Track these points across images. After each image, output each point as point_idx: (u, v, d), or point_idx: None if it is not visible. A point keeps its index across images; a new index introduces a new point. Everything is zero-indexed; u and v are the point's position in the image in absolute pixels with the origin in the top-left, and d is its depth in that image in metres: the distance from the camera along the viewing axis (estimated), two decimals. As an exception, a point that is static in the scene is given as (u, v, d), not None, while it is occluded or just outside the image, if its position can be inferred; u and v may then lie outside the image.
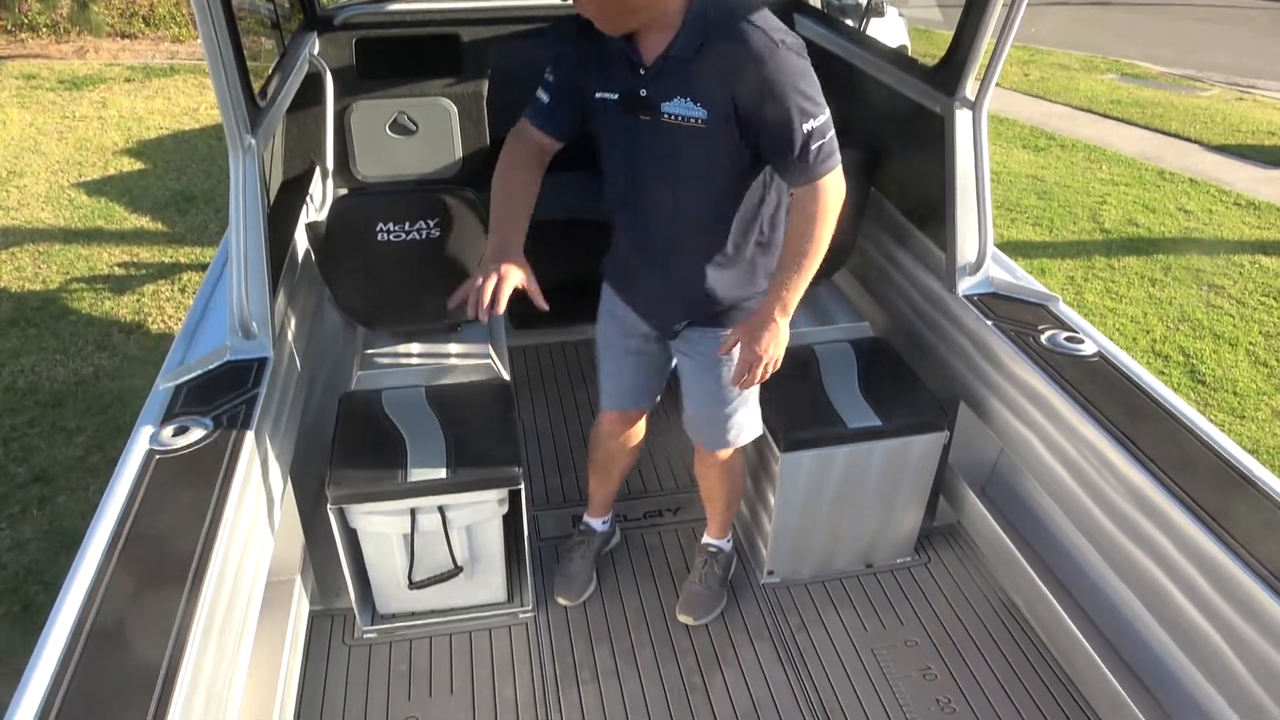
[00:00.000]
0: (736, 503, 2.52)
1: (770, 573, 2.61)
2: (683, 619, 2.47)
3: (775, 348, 1.93)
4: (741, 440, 2.29)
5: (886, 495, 2.54)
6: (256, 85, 2.21)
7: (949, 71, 2.40)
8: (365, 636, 2.43)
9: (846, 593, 2.59)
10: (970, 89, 2.39)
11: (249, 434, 1.88)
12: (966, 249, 2.50)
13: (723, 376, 2.16)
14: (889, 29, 6.57)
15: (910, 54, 2.95)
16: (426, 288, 2.56)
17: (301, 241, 2.67)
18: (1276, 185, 6.25)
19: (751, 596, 2.58)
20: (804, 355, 2.65)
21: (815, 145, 1.75)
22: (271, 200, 2.46)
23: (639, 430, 2.49)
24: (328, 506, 2.21)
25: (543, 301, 1.90)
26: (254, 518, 1.86)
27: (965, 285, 2.52)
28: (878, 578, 2.64)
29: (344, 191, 3.14)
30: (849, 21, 3.36)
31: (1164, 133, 7.30)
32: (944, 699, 2.28)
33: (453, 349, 2.65)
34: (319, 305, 2.76)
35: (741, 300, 2.06)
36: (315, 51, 3.01)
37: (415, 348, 2.65)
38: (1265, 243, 5.40)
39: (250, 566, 1.80)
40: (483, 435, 2.35)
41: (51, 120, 7.04)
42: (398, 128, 3.22)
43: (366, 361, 2.60)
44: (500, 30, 3.24)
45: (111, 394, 3.81)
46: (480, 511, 2.30)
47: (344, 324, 2.96)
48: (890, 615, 2.52)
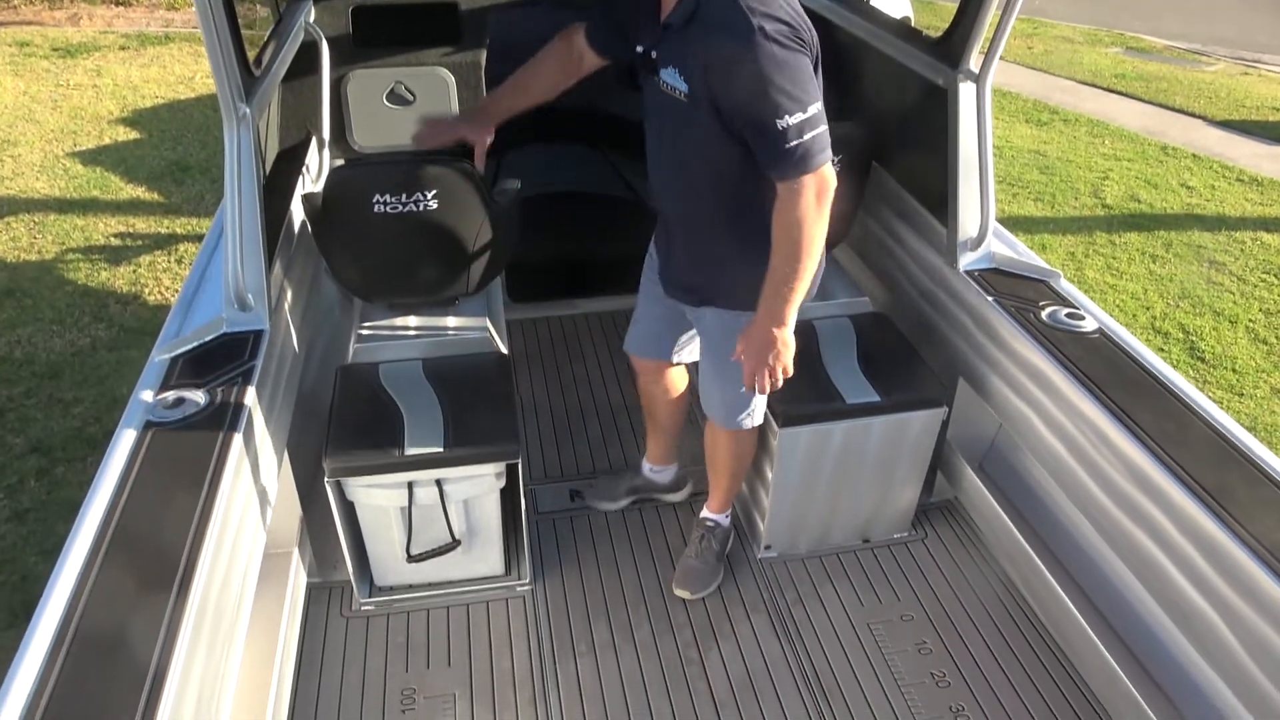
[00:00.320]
0: (738, 481, 2.52)
1: (767, 548, 2.62)
2: (679, 593, 2.47)
3: (775, 359, 1.90)
4: (744, 425, 2.31)
5: (884, 471, 2.54)
6: (251, 54, 2.19)
7: (953, 43, 2.38)
8: (363, 608, 2.44)
9: (843, 568, 2.60)
10: (974, 61, 2.36)
11: (245, 406, 1.87)
12: (968, 224, 2.48)
13: (717, 361, 2.17)
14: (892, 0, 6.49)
15: (913, 26, 2.92)
16: (424, 260, 2.54)
17: (298, 213, 2.65)
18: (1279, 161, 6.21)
19: (748, 571, 2.59)
20: (803, 330, 2.63)
21: (793, 143, 1.66)
22: (267, 171, 2.43)
23: (673, 384, 2.52)
24: (325, 480, 2.20)
25: (481, 163, 2.25)
26: (250, 490, 1.85)
27: (966, 260, 2.51)
28: (874, 553, 2.65)
29: (340, 162, 3.11)
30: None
31: (1168, 107, 7.24)
32: (939, 673, 2.29)
33: (450, 322, 2.64)
34: (315, 277, 2.75)
35: (725, 283, 2.02)
36: (311, 20, 2.97)
37: (413, 320, 2.64)
38: (1267, 219, 5.37)
39: (247, 538, 1.80)
40: (480, 409, 2.34)
41: (45, 88, 6.97)
42: (395, 98, 3.19)
43: (364, 334, 2.59)
44: None
45: (109, 365, 3.80)
46: (478, 485, 2.30)
47: (341, 296, 2.95)
48: (886, 590, 2.53)
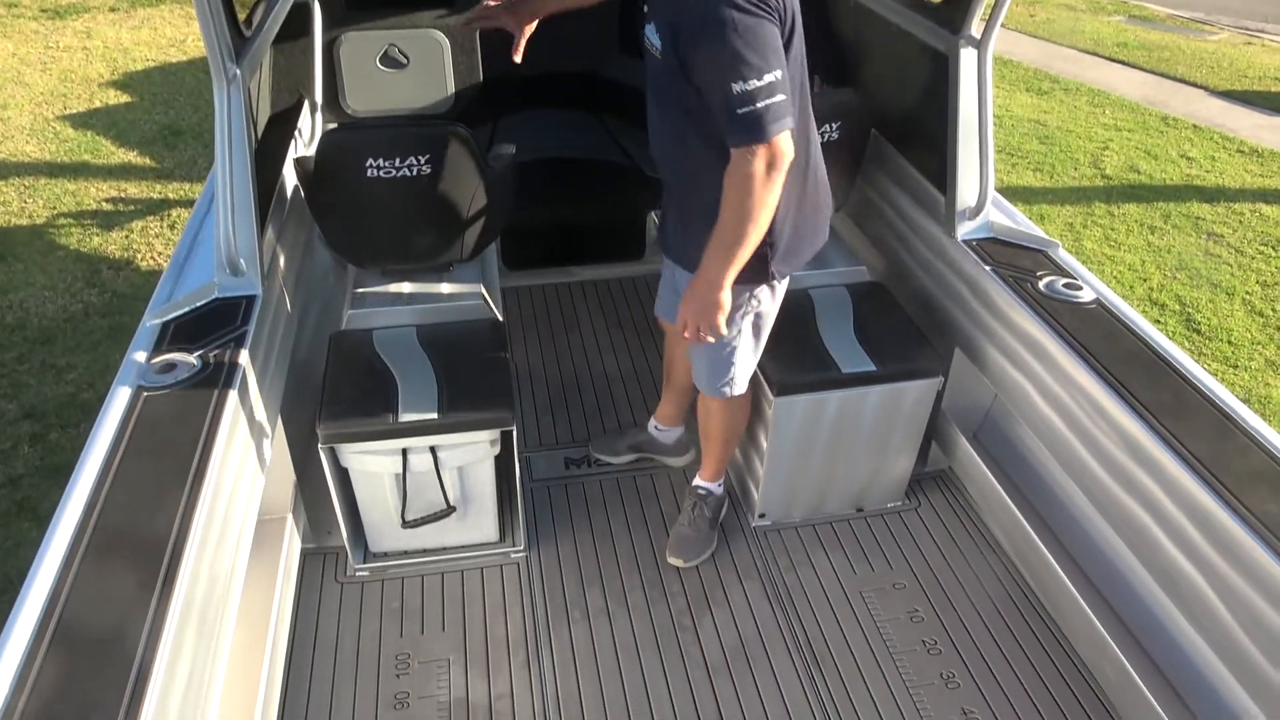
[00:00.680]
0: (729, 449, 2.52)
1: (761, 516, 2.62)
2: (672, 561, 2.48)
3: (696, 317, 1.88)
4: (725, 393, 2.28)
5: (879, 441, 2.54)
6: (242, 14, 2.15)
7: (955, 9, 2.34)
8: (357, 575, 2.44)
9: (836, 536, 2.61)
10: (976, 28, 2.33)
11: (238, 372, 1.86)
12: (967, 193, 2.46)
13: None
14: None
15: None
16: (417, 225, 2.52)
17: (290, 177, 2.62)
18: (1280, 132, 6.17)
19: (742, 539, 2.60)
20: (799, 299, 2.63)
21: (745, 109, 1.63)
22: (259, 134, 2.40)
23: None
24: (319, 446, 2.20)
25: (518, 54, 2.22)
26: (243, 456, 1.85)
27: (965, 230, 2.49)
28: (868, 522, 2.66)
29: (333, 126, 3.07)
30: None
31: (1170, 77, 7.17)
32: (930, 640, 2.31)
33: (445, 289, 2.62)
34: (309, 243, 2.72)
35: (697, 245, 1.95)
36: None
37: (407, 287, 2.62)
38: (1266, 191, 5.35)
39: (240, 504, 1.80)
40: (475, 376, 2.34)
41: (34, 50, 6.87)
42: (388, 61, 3.14)
43: (357, 300, 2.57)
44: None
45: (101, 331, 3.78)
46: (472, 452, 2.29)
47: (334, 262, 2.92)
48: (879, 558, 2.54)
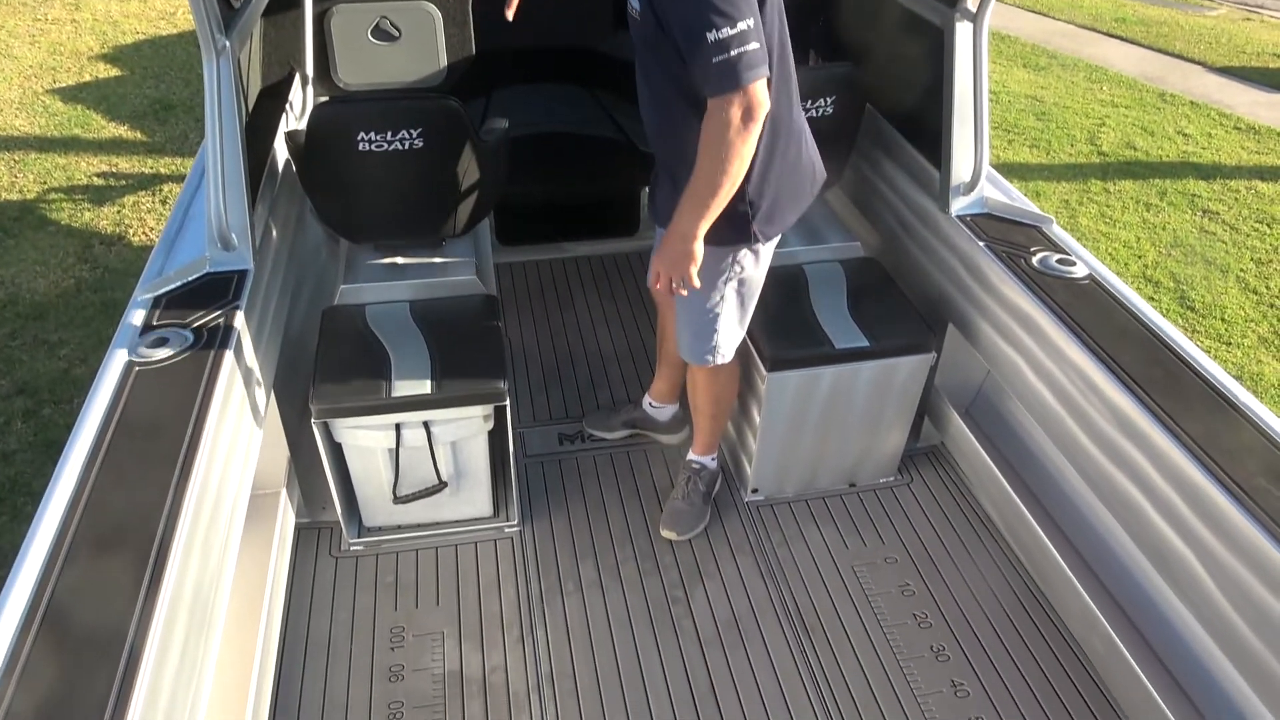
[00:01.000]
0: (718, 422, 2.52)
1: (754, 491, 2.64)
2: (665, 534, 2.50)
3: (669, 268, 1.90)
4: (709, 362, 2.27)
5: (872, 416, 2.55)
6: (230, -16, 2.13)
7: (951, -19, 2.32)
8: (351, 549, 2.45)
9: (829, 511, 2.62)
10: (972, 2, 2.31)
11: (230, 346, 1.85)
12: (961, 168, 2.46)
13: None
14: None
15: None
16: (409, 200, 2.51)
17: (281, 151, 2.60)
18: (1278, 109, 6.15)
19: (735, 514, 2.61)
20: (792, 274, 2.63)
21: (719, 57, 1.64)
22: (250, 108, 2.38)
23: None
24: (312, 421, 2.20)
25: (510, 10, 2.20)
26: (236, 430, 1.85)
27: (959, 205, 2.49)
28: (860, 497, 2.67)
29: (325, 99, 3.05)
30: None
31: (1168, 53, 7.13)
32: (920, 614, 2.32)
33: (437, 263, 2.61)
34: (301, 218, 2.71)
35: (668, 207, 1.99)
36: None
37: (399, 262, 2.61)
38: (1263, 168, 5.34)
39: (234, 479, 1.80)
40: (468, 351, 2.33)
41: (22, 23, 6.78)
42: (380, 33, 3.11)
43: (350, 275, 2.56)
44: None
45: (94, 306, 3.77)
46: (466, 427, 2.30)
47: (327, 237, 2.91)
48: (871, 533, 2.56)
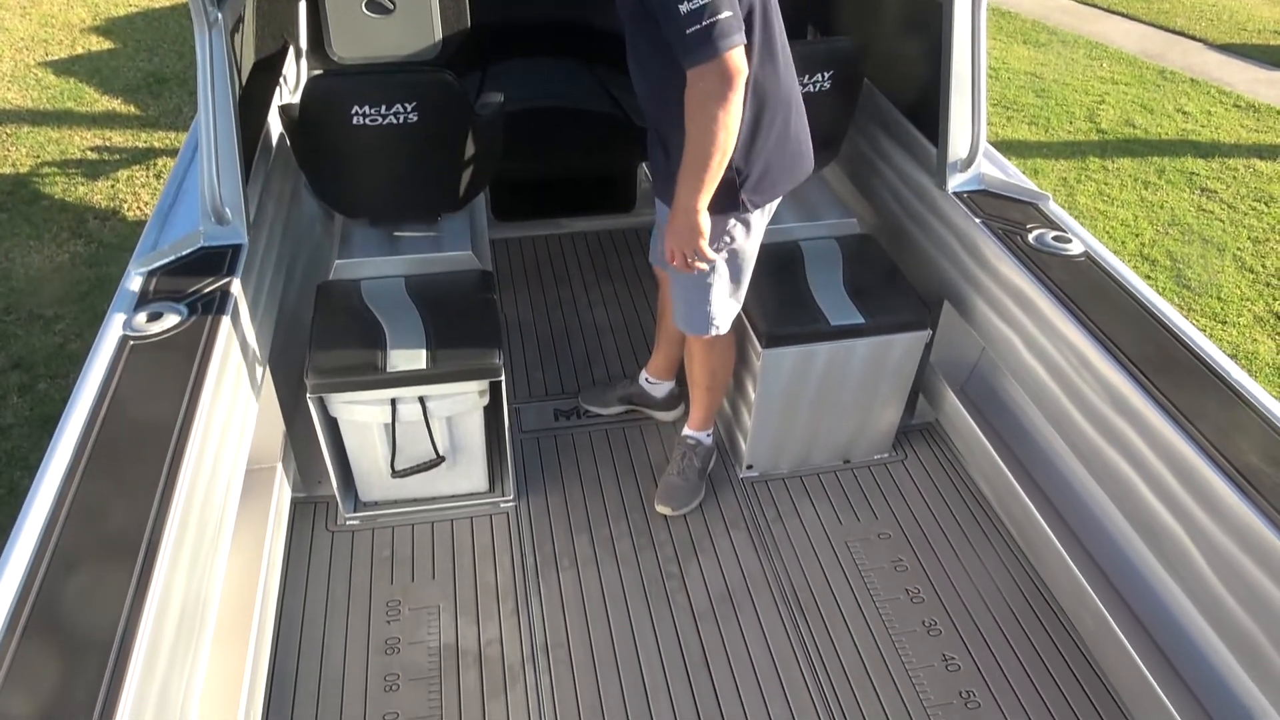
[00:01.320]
0: (714, 395, 2.52)
1: (749, 467, 2.65)
2: (660, 509, 2.51)
3: (680, 245, 1.94)
4: (706, 332, 2.27)
5: (867, 393, 2.55)
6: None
7: (950, -45, 2.30)
8: (348, 523, 2.46)
9: (823, 487, 2.63)
10: (971, -26, 2.29)
11: (224, 321, 1.85)
12: (959, 144, 2.45)
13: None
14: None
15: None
16: (404, 174, 2.50)
17: (275, 125, 2.59)
18: (1278, 87, 6.12)
19: (730, 490, 2.62)
20: (789, 251, 2.62)
21: (694, 27, 1.64)
22: (243, 81, 2.37)
23: None
24: (307, 395, 2.20)
25: None
26: (232, 405, 1.85)
27: (956, 182, 2.48)
28: (854, 473, 2.68)
29: (319, 73, 3.02)
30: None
31: (1169, 30, 7.09)
32: (913, 589, 2.34)
33: (432, 238, 2.61)
34: (295, 192, 2.70)
35: (664, 181, 2.01)
36: None
37: (394, 236, 2.60)
38: (1261, 146, 5.32)
39: (229, 453, 1.81)
40: (463, 327, 2.33)
41: (14, -6, 6.72)
42: (374, 5, 3.08)
43: (345, 250, 2.55)
44: None
45: (89, 281, 3.76)
46: (461, 403, 2.30)
47: (321, 212, 2.90)
48: (865, 509, 2.57)
